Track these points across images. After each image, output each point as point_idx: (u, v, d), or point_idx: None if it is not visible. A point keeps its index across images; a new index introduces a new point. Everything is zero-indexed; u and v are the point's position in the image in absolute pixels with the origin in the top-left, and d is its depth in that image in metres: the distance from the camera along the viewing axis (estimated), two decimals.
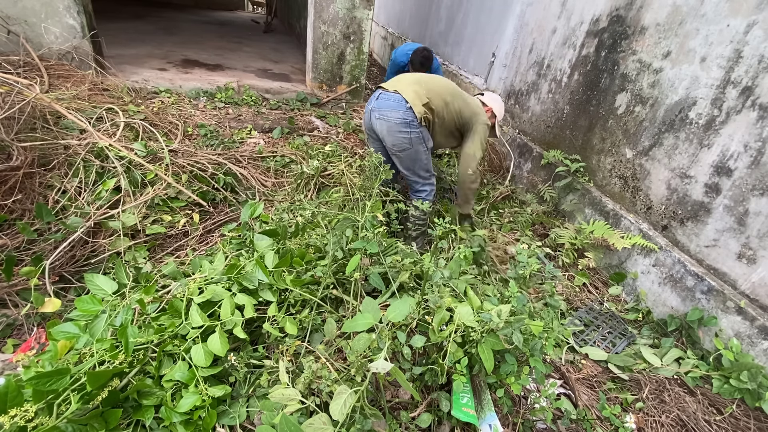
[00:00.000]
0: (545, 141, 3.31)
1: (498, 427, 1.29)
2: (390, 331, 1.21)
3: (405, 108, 2.13)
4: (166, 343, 1.28)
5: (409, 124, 2.15)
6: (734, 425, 1.64)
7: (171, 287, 1.54)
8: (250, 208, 1.84)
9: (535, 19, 3.45)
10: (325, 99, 4.41)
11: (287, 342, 1.34)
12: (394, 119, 2.14)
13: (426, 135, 2.26)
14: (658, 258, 2.24)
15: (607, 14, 2.70)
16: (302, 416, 1.15)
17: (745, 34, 1.89)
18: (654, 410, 1.66)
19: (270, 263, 1.49)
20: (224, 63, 4.89)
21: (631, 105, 2.49)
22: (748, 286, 1.88)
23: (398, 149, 2.24)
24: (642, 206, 2.43)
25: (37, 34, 3.13)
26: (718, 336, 1.93)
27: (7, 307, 1.63)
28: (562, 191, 2.94)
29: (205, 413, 1.18)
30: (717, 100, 2.01)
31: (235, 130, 3.35)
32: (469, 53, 4.64)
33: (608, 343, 2.00)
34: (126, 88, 3.29)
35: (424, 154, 2.29)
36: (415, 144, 2.22)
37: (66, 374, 1.03)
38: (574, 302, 2.30)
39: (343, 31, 4.17)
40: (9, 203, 1.85)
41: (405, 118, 2.13)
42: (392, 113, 2.14)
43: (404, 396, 1.36)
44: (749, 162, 1.86)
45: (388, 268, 1.57)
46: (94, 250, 1.93)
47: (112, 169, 2.17)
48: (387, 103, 2.16)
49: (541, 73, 3.39)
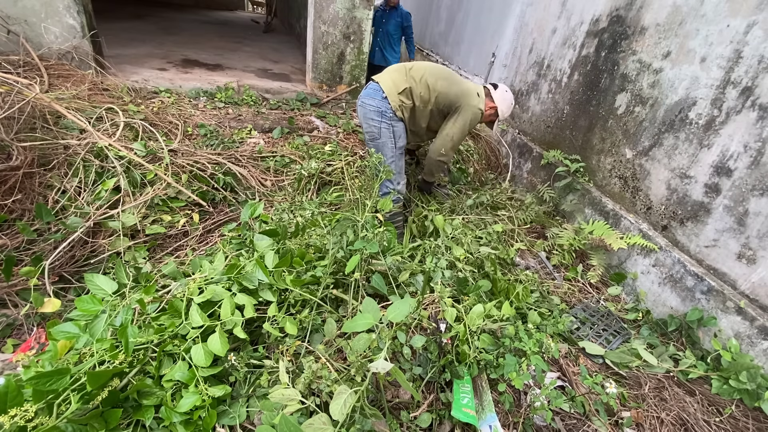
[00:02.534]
0: (545, 141, 3.31)
1: (498, 427, 1.29)
2: (390, 331, 1.21)
3: (381, 97, 2.20)
4: (166, 343, 1.28)
5: (382, 113, 2.21)
6: (734, 425, 1.64)
7: (171, 287, 1.53)
8: (250, 208, 1.84)
9: (535, 19, 3.45)
10: (325, 99, 4.41)
11: (287, 342, 1.34)
12: (369, 106, 2.23)
13: (399, 131, 2.28)
14: (657, 258, 2.24)
15: (607, 14, 2.70)
16: (302, 416, 1.15)
17: (745, 34, 1.89)
18: (654, 408, 1.66)
19: (270, 263, 1.49)
20: (224, 63, 4.88)
21: (631, 105, 2.49)
22: (748, 286, 1.89)
23: (369, 137, 2.31)
24: (642, 206, 2.44)
25: (37, 34, 3.13)
26: (717, 336, 1.93)
27: (7, 307, 1.63)
28: (562, 191, 2.94)
29: (205, 413, 1.18)
30: (717, 101, 2.01)
31: (235, 130, 3.35)
32: (469, 53, 4.64)
33: (603, 340, 2.00)
34: (126, 88, 3.29)
35: (390, 149, 2.31)
36: (383, 135, 2.26)
37: (66, 374, 1.03)
38: (571, 302, 2.30)
39: (343, 31, 4.17)
40: (9, 203, 1.85)
41: (379, 108, 2.21)
42: (369, 101, 2.23)
43: (404, 396, 1.36)
44: (749, 162, 1.86)
45: (388, 268, 1.57)
46: (93, 250, 1.93)
47: (112, 169, 2.17)
48: (367, 92, 2.27)
49: (541, 73, 3.39)
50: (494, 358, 1.44)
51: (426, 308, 1.61)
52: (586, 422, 1.55)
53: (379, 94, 2.21)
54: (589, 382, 1.44)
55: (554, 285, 2.35)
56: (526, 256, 2.59)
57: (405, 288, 1.68)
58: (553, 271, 2.49)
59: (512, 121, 3.80)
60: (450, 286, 1.74)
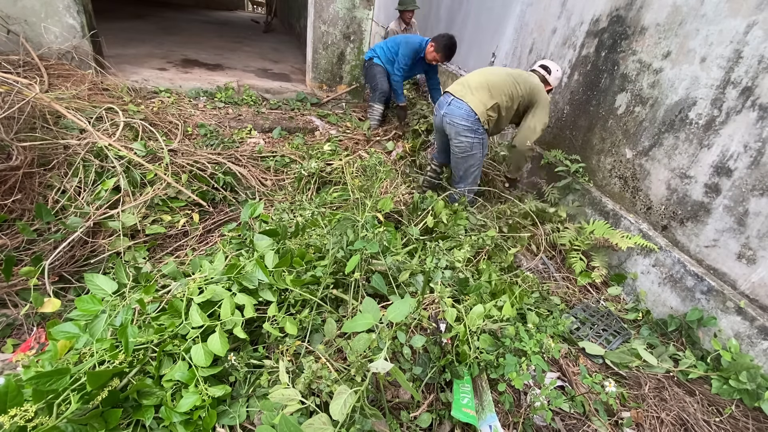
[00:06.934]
0: (545, 141, 3.31)
1: (498, 427, 1.29)
2: (390, 331, 1.21)
3: (473, 118, 2.48)
4: (166, 343, 1.28)
5: (474, 130, 2.51)
6: (733, 425, 1.64)
7: (171, 287, 1.53)
8: (250, 207, 1.84)
9: (535, 19, 3.45)
10: (325, 99, 4.41)
11: (287, 342, 1.34)
12: (461, 126, 2.50)
13: (486, 141, 2.63)
14: (657, 258, 2.24)
15: (607, 14, 2.70)
16: (302, 416, 1.15)
17: (745, 34, 1.89)
18: (654, 408, 1.66)
19: (270, 263, 1.49)
20: (224, 63, 4.88)
21: (631, 105, 2.49)
22: (748, 286, 1.89)
23: (459, 150, 2.59)
24: (642, 206, 2.43)
25: (36, 34, 3.13)
26: (717, 336, 1.93)
27: (7, 307, 1.63)
28: (562, 192, 2.94)
29: (205, 413, 1.18)
30: (717, 101, 2.01)
31: (235, 130, 3.35)
32: (469, 53, 4.64)
33: (603, 340, 2.00)
34: (126, 88, 3.29)
35: (479, 159, 2.65)
36: (475, 148, 2.58)
37: (66, 374, 1.03)
38: (571, 302, 2.30)
39: (343, 31, 4.17)
40: (9, 203, 1.85)
41: (472, 126, 2.50)
42: (461, 121, 2.49)
43: (404, 396, 1.36)
44: (749, 162, 1.86)
45: (388, 268, 1.57)
46: (93, 250, 1.93)
47: (112, 169, 2.17)
48: (458, 112, 2.49)
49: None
50: (494, 358, 1.44)
51: (426, 308, 1.61)
52: (586, 422, 1.55)
53: (471, 115, 2.46)
54: (588, 382, 1.44)
55: (555, 285, 2.35)
56: (527, 257, 2.59)
57: (405, 288, 1.68)
58: (554, 272, 2.49)
59: None
60: (450, 286, 1.74)
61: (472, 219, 2.55)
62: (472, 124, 2.49)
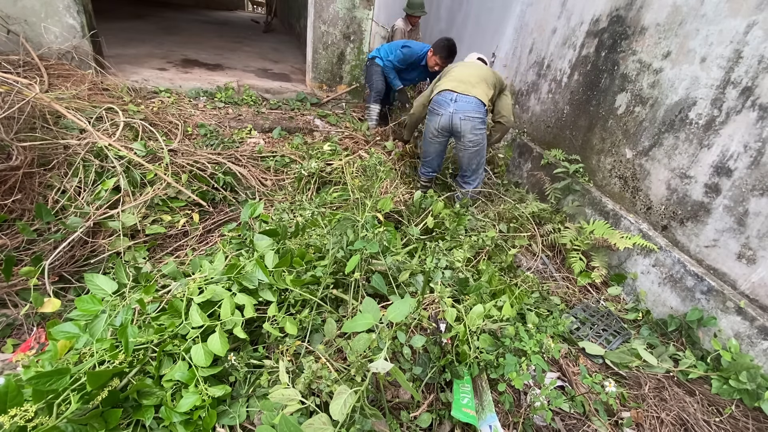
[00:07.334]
0: (545, 141, 3.31)
1: (498, 427, 1.29)
2: (390, 331, 1.21)
3: (484, 109, 2.60)
4: (166, 343, 1.28)
5: (484, 121, 2.63)
6: (733, 425, 1.64)
7: (171, 287, 1.53)
8: (250, 207, 1.84)
9: (535, 19, 3.45)
10: (325, 99, 4.41)
11: (287, 342, 1.34)
12: (476, 120, 2.57)
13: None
14: (657, 258, 2.24)
15: (607, 14, 2.70)
16: (302, 416, 1.15)
17: (745, 34, 1.89)
18: (654, 408, 1.66)
19: (270, 263, 1.49)
20: (224, 63, 4.88)
21: (631, 105, 2.49)
22: (748, 286, 1.89)
23: (473, 144, 2.65)
24: (642, 206, 2.43)
25: (36, 34, 3.13)
26: (717, 336, 1.93)
27: (7, 307, 1.63)
28: (562, 192, 2.94)
29: (205, 413, 1.18)
30: (717, 101, 2.01)
31: (235, 130, 3.35)
32: (469, 53, 4.63)
33: (603, 340, 2.00)
34: (126, 88, 3.29)
35: (485, 149, 2.77)
36: (484, 138, 2.69)
37: (66, 374, 1.03)
38: (571, 302, 2.30)
39: (343, 31, 4.17)
40: (9, 203, 1.85)
41: (483, 117, 2.60)
42: (475, 114, 2.57)
43: (404, 396, 1.36)
44: (749, 162, 1.86)
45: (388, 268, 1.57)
46: (93, 250, 1.93)
47: (112, 169, 2.17)
48: (470, 106, 2.56)
49: (541, 73, 3.39)
50: (494, 358, 1.44)
51: (426, 308, 1.61)
52: (585, 422, 1.55)
53: (482, 107, 2.57)
54: (588, 382, 1.44)
55: (555, 285, 2.35)
56: (527, 257, 2.59)
57: (405, 288, 1.68)
58: (554, 272, 2.49)
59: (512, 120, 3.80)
60: (450, 286, 1.74)
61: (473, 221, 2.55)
62: (483, 116, 2.60)
